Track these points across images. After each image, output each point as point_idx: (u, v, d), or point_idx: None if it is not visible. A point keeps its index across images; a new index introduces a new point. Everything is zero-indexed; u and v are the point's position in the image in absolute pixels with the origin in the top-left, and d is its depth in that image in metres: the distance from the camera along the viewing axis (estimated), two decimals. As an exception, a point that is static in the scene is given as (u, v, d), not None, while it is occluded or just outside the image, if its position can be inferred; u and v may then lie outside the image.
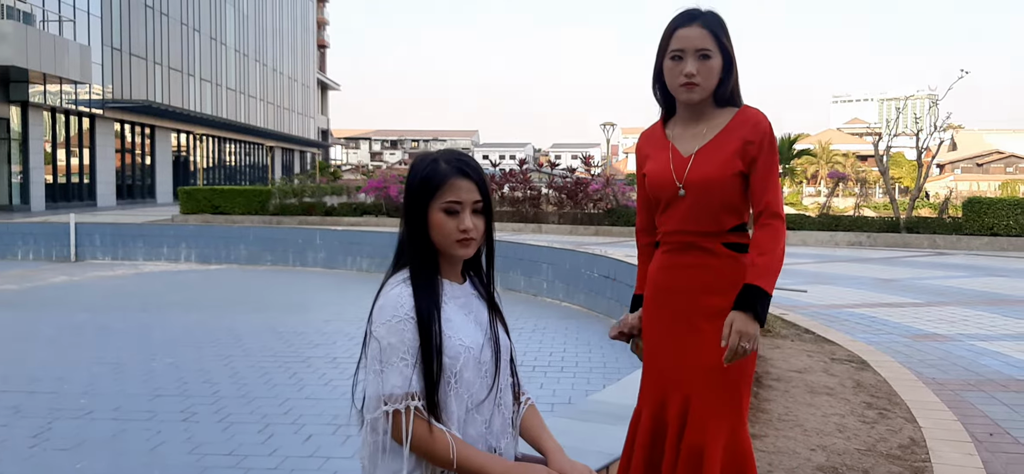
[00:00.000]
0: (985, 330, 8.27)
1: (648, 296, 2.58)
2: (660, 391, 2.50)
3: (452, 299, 1.99)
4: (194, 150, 46.47)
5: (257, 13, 55.71)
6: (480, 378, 1.96)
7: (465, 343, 1.94)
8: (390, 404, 1.84)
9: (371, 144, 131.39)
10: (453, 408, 1.90)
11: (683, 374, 2.45)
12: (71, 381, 6.50)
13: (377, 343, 1.88)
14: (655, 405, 2.51)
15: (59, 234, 16.58)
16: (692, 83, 2.39)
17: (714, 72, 2.41)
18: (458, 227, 1.95)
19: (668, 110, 2.57)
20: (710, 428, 2.38)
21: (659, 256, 2.56)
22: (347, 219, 24.68)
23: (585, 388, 6.37)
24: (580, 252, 11.01)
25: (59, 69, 27.32)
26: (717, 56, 2.41)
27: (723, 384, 2.40)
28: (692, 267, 2.47)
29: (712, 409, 2.39)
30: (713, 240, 2.45)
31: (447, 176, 1.95)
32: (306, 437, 5.11)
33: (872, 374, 5.63)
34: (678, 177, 2.45)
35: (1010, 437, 4.58)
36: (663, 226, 2.53)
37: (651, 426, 2.50)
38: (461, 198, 1.95)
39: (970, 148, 70.75)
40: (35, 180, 29.81)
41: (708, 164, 2.42)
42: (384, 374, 1.85)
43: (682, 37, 2.41)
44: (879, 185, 33.27)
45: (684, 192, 2.44)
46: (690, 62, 2.39)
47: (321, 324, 9.19)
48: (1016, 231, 19.52)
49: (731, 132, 2.43)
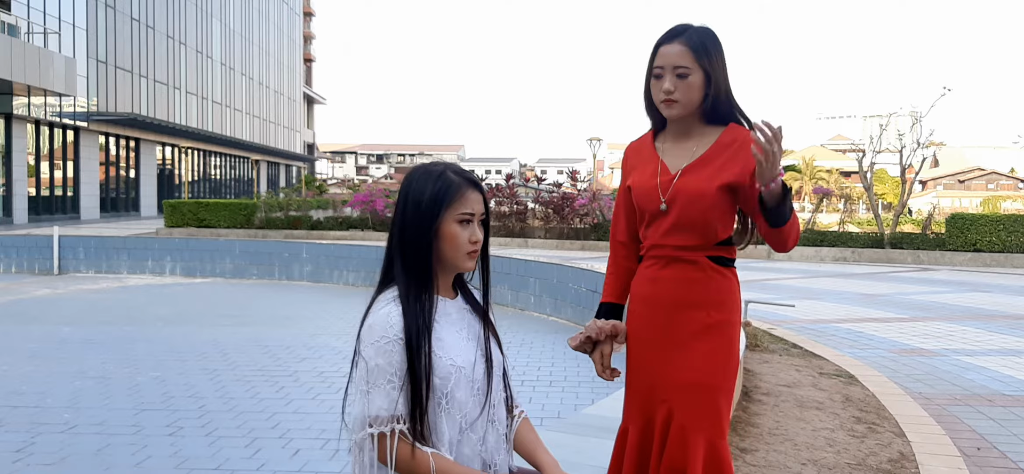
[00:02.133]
0: (970, 345, 8.32)
1: (632, 309, 2.57)
2: (647, 407, 2.48)
3: (444, 316, 1.97)
4: (179, 163, 46.27)
5: (244, 27, 55.62)
6: (473, 396, 1.94)
7: (456, 363, 1.91)
8: (375, 426, 1.83)
9: (357, 158, 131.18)
10: (444, 428, 1.88)
11: (668, 389, 2.43)
12: (55, 395, 6.43)
13: (365, 364, 1.86)
14: (642, 421, 2.49)
15: (42, 247, 16.45)
16: (670, 100, 2.43)
17: (693, 89, 2.42)
18: (470, 238, 1.94)
19: (660, 124, 2.59)
20: (689, 442, 2.37)
21: (643, 269, 2.56)
22: (333, 233, 24.61)
23: (574, 402, 6.35)
24: (567, 267, 11.00)
25: (44, 81, 27.17)
26: (696, 73, 2.41)
27: (703, 397, 2.39)
28: (677, 280, 2.46)
29: (692, 422, 2.38)
30: (698, 253, 2.45)
31: (460, 187, 1.94)
32: (294, 451, 5.07)
33: (860, 389, 5.64)
34: (663, 192, 2.46)
35: (997, 451, 4.60)
36: (648, 240, 2.53)
37: (639, 442, 2.48)
38: (473, 209, 1.95)
39: (952, 165, 71.46)
40: (18, 192, 29.59)
41: (694, 181, 2.43)
42: (370, 396, 1.84)
43: (663, 55, 2.44)
44: (863, 201, 33.48)
45: (666, 207, 2.44)
46: (668, 80, 2.42)
47: (308, 338, 9.14)
48: (999, 247, 19.68)
49: (720, 148, 2.45)
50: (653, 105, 2.53)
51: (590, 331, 2.54)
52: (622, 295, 2.64)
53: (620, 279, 2.64)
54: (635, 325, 2.54)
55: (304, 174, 67.26)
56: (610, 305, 2.62)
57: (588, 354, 2.56)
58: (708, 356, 2.39)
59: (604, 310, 2.62)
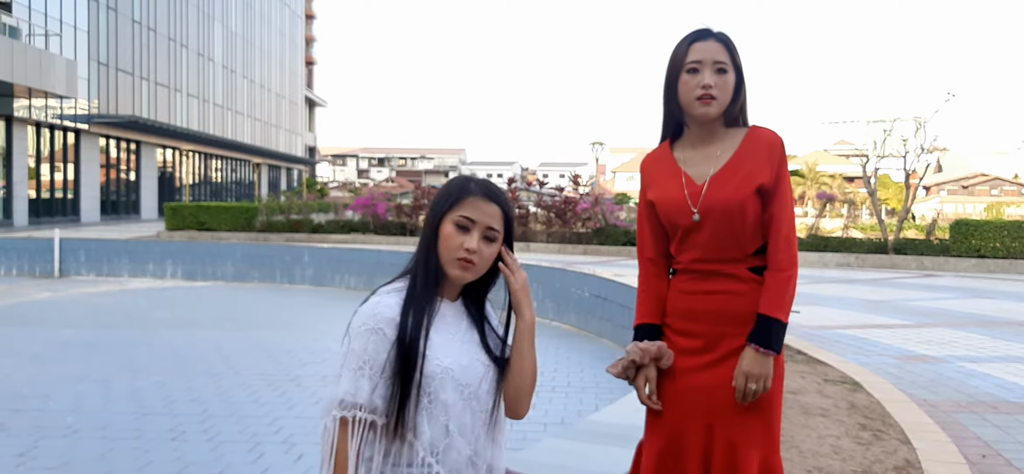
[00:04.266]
0: (975, 352, 8.29)
1: (670, 323, 2.45)
2: (681, 423, 2.37)
3: (440, 318, 1.97)
4: (180, 166, 46.27)
5: (245, 29, 55.67)
6: (463, 401, 1.92)
7: (443, 364, 1.90)
8: (338, 409, 1.85)
9: (358, 161, 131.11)
10: (425, 428, 1.87)
11: (709, 403, 2.34)
12: (57, 399, 6.42)
13: (349, 342, 1.91)
14: (673, 437, 2.37)
15: (43, 249, 16.43)
16: (709, 96, 2.33)
17: (729, 87, 2.37)
18: (462, 244, 1.93)
19: (675, 131, 2.50)
20: (740, 457, 2.28)
21: (679, 282, 2.45)
22: (334, 236, 24.60)
23: (577, 408, 6.33)
24: (570, 271, 10.99)
25: (45, 84, 27.17)
26: (731, 72, 2.37)
27: (758, 414, 2.32)
28: (718, 293, 2.36)
29: (742, 437, 2.30)
30: (738, 265, 2.36)
31: (470, 193, 1.96)
32: (297, 456, 5.05)
33: (865, 395, 5.62)
34: (693, 203, 2.36)
35: (1002, 459, 4.58)
36: (683, 255, 2.42)
37: (673, 462, 2.36)
38: (475, 217, 1.94)
39: (956, 170, 71.33)
40: (18, 195, 29.58)
41: (724, 188, 2.34)
42: (341, 378, 1.87)
43: (699, 49, 2.36)
44: (867, 206, 33.46)
45: (699, 218, 2.35)
46: (708, 74, 2.34)
47: (310, 342, 9.12)
48: (1003, 253, 19.65)
49: (746, 153, 2.38)
50: (674, 107, 2.44)
51: (633, 354, 2.39)
52: (658, 314, 2.48)
53: (654, 297, 2.49)
54: (674, 335, 2.43)
55: (305, 177, 67.31)
56: (649, 326, 2.47)
57: (630, 381, 2.41)
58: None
59: (643, 332, 2.46)
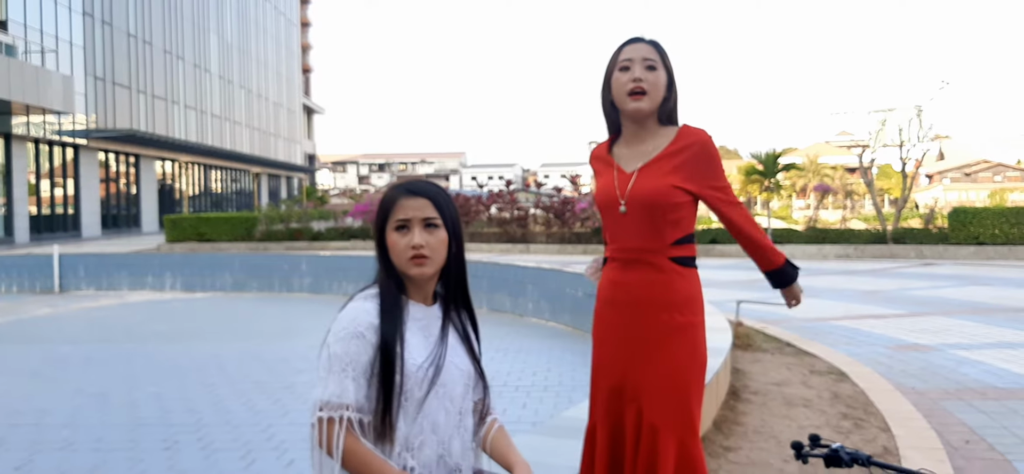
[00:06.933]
0: (967, 339, 8.33)
1: (597, 311, 2.64)
2: (615, 407, 2.53)
3: (413, 320, 2.02)
4: (179, 178, 46.38)
5: (241, 39, 55.77)
6: (437, 400, 1.99)
7: (417, 363, 1.96)
8: (325, 411, 1.89)
9: (358, 168, 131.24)
10: (399, 424, 1.94)
11: (636, 390, 2.48)
12: (53, 413, 6.47)
13: (327, 350, 1.94)
14: (611, 422, 2.54)
15: (43, 266, 16.50)
16: (640, 90, 2.50)
17: (660, 84, 2.53)
18: (408, 244, 1.99)
19: (616, 129, 2.66)
20: (660, 442, 2.41)
21: (607, 271, 2.63)
22: (334, 244, 24.68)
23: (568, 407, 6.37)
24: (565, 272, 11.03)
25: (42, 100, 27.27)
26: (661, 70, 2.53)
27: (673, 398, 2.44)
28: (638, 282, 2.52)
29: (663, 423, 2.43)
30: (658, 255, 2.51)
31: (396, 197, 2.04)
32: (288, 462, 5.10)
33: (850, 385, 5.67)
34: (621, 194, 2.53)
35: (986, 444, 4.62)
36: (612, 244, 2.61)
37: (610, 443, 2.52)
38: (408, 215, 2.01)
39: (958, 158, 71.17)
40: (19, 212, 29.68)
41: (649, 180, 2.50)
42: (325, 381, 1.91)
43: (630, 50, 2.55)
44: (867, 197, 33.46)
45: (625, 209, 2.51)
46: (638, 69, 2.51)
47: (305, 350, 9.16)
48: (1002, 240, 19.67)
49: (674, 149, 2.53)
50: (610, 107, 2.62)
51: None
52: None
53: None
54: (600, 327, 2.61)
55: (305, 185, 67.38)
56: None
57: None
58: (675, 358, 2.44)
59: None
